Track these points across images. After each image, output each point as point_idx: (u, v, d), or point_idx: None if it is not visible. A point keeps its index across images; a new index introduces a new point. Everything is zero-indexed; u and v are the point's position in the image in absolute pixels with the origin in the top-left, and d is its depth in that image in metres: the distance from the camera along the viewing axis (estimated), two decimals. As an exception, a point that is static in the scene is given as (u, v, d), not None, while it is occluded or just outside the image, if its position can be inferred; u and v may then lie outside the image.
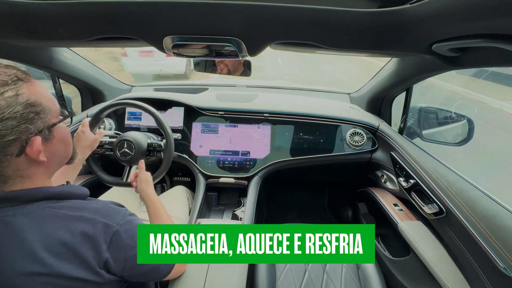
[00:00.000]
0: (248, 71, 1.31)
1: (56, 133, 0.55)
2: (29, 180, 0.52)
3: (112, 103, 1.09)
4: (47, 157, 0.53)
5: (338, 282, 0.98)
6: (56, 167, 0.59)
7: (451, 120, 1.18)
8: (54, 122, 0.53)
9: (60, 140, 0.56)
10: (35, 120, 0.49)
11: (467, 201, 0.84)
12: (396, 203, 1.22)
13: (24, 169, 0.50)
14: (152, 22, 0.69)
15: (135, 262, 0.57)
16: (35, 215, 0.49)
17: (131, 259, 0.56)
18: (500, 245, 0.70)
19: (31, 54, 1.07)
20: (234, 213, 1.17)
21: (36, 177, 0.53)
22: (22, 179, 0.51)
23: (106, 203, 0.60)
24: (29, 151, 0.49)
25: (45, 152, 0.52)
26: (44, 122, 0.51)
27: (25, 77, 0.50)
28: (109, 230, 0.53)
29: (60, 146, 0.57)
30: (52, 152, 0.54)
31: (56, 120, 0.54)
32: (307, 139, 1.34)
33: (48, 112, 0.52)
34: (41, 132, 0.50)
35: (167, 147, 1.07)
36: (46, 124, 0.51)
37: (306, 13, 0.62)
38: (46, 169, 0.55)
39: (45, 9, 0.66)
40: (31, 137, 0.49)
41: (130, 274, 0.57)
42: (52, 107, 0.53)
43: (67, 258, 0.48)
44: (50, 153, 0.54)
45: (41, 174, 0.54)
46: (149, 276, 0.62)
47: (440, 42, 0.66)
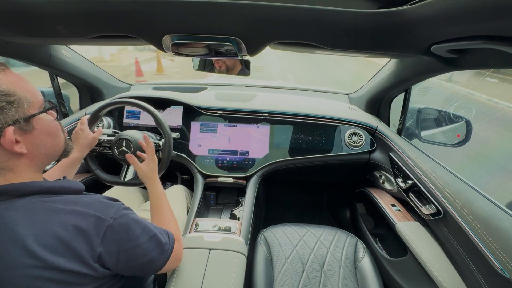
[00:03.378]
0: (247, 71, 1.31)
1: (37, 125, 0.53)
2: (11, 172, 0.51)
3: (111, 102, 1.08)
4: (29, 149, 0.52)
5: (335, 282, 0.98)
6: (44, 160, 0.58)
7: (450, 121, 1.19)
8: (33, 114, 0.52)
9: (44, 132, 0.55)
10: (7, 109, 0.48)
11: (464, 202, 0.84)
12: (394, 204, 1.23)
13: (3, 161, 0.50)
14: (151, 21, 0.69)
15: (129, 255, 0.57)
16: (27, 209, 0.49)
17: (125, 253, 0.56)
18: (496, 246, 0.71)
19: (29, 52, 1.06)
20: (232, 213, 1.17)
21: (19, 169, 0.52)
22: (3, 171, 0.51)
23: (99, 197, 0.59)
24: (2, 141, 0.48)
25: (26, 144, 0.51)
26: (19, 112, 0.50)
27: (0, 67, 0.50)
28: (103, 224, 0.53)
29: (44, 138, 0.55)
30: (35, 144, 0.53)
31: (35, 112, 0.53)
32: (306, 139, 1.34)
33: (24, 103, 0.50)
34: (16, 122, 0.49)
35: (166, 146, 1.06)
36: (22, 115, 0.50)
37: (306, 13, 0.62)
38: (32, 162, 0.54)
39: (43, 6, 0.66)
40: (4, 128, 0.48)
41: (124, 267, 0.57)
42: (32, 98, 0.52)
43: (60, 252, 0.48)
44: (32, 145, 0.53)
45: (26, 167, 0.53)
46: (145, 268, 0.62)
47: (439, 43, 0.66)
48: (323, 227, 1.19)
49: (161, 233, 0.67)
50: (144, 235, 0.61)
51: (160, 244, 0.64)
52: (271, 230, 1.16)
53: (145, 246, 0.60)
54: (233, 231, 0.97)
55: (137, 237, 0.59)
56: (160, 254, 0.64)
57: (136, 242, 0.58)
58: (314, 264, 1.04)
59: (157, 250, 0.63)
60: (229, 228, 0.99)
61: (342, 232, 1.16)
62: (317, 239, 1.13)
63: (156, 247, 0.63)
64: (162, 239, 0.66)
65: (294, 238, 1.12)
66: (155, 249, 0.63)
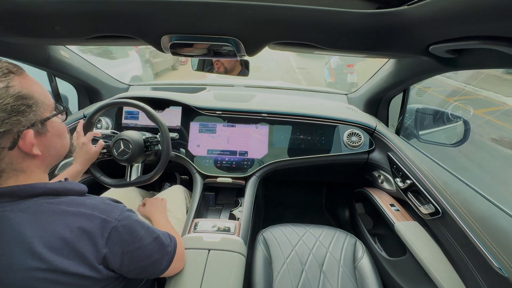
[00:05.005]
0: (246, 71, 1.31)
1: (51, 127, 0.55)
2: (23, 174, 0.52)
3: (109, 103, 1.08)
4: (42, 151, 0.53)
5: (335, 282, 0.99)
6: (52, 161, 0.59)
7: (448, 121, 1.19)
8: (48, 116, 0.53)
9: (55, 134, 0.56)
10: (27, 113, 0.49)
11: (463, 202, 0.84)
12: (392, 204, 1.23)
13: (18, 163, 0.50)
14: (149, 21, 0.68)
15: (133, 257, 0.57)
16: (33, 211, 0.49)
17: (129, 254, 0.56)
18: (495, 246, 0.71)
19: (28, 52, 1.05)
20: (231, 213, 1.17)
21: (30, 170, 0.53)
22: (17, 172, 0.51)
23: (103, 199, 0.60)
24: (21, 144, 0.49)
25: (39, 146, 0.52)
26: (36, 115, 0.51)
27: (17, 70, 0.50)
28: (107, 226, 0.53)
29: (55, 140, 0.57)
30: (47, 146, 0.54)
31: (50, 114, 0.54)
32: (305, 139, 1.34)
33: (41, 106, 0.52)
34: (34, 125, 0.50)
35: (164, 147, 1.06)
36: (39, 118, 0.51)
37: (304, 13, 0.62)
38: (42, 163, 0.55)
39: (42, 6, 0.66)
40: (23, 130, 0.48)
41: (128, 269, 0.57)
42: (46, 101, 0.53)
43: (65, 253, 0.48)
44: (45, 146, 0.54)
45: (36, 168, 0.54)
46: (148, 271, 0.63)
47: (437, 43, 0.67)
48: (322, 227, 1.19)
49: (164, 235, 0.68)
50: (148, 236, 0.61)
51: (163, 246, 0.65)
52: (270, 230, 1.16)
53: (149, 248, 0.61)
54: (232, 232, 0.97)
55: (141, 238, 0.59)
56: (164, 256, 0.65)
57: (140, 243, 0.59)
58: (313, 264, 1.04)
59: (160, 251, 0.64)
60: (228, 228, 0.99)
61: (341, 232, 1.17)
62: (316, 239, 1.13)
63: (160, 249, 0.64)
64: (165, 241, 0.66)
65: (293, 238, 1.13)
66: (159, 251, 0.63)
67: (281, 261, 1.04)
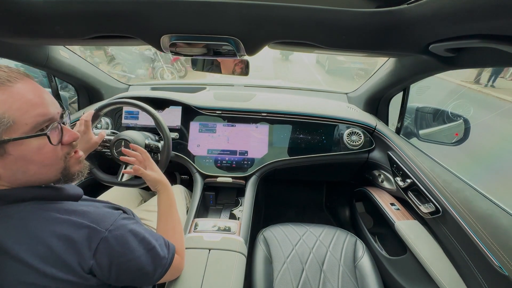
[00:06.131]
0: (246, 70, 1.31)
1: (14, 151, 0.46)
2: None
3: (111, 102, 1.08)
4: (2, 174, 0.48)
5: (335, 281, 0.99)
6: (29, 184, 0.52)
7: (448, 120, 1.19)
8: (6, 139, 0.45)
9: (21, 158, 0.48)
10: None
11: (463, 201, 0.84)
12: (393, 203, 1.23)
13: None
14: (149, 21, 0.68)
15: (122, 269, 0.54)
16: (21, 217, 0.48)
17: (118, 267, 0.54)
18: (495, 244, 0.71)
19: (27, 53, 1.05)
20: (231, 213, 1.17)
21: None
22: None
23: (98, 206, 0.57)
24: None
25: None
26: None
27: (3, 83, 0.45)
28: (96, 236, 0.51)
29: (21, 165, 0.49)
30: (10, 170, 0.48)
31: (17, 136, 0.46)
32: (305, 139, 1.34)
33: (5, 125, 0.44)
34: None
35: (165, 147, 1.06)
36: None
37: (304, 12, 0.62)
38: (11, 184, 0.50)
39: (41, 7, 0.66)
40: None
41: (116, 280, 0.55)
42: (21, 120, 0.46)
43: (51, 262, 0.47)
44: (5, 169, 0.48)
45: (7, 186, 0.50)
46: (137, 281, 0.60)
47: (437, 42, 0.66)
48: (323, 227, 1.19)
49: (161, 246, 0.64)
50: (141, 248, 0.58)
51: (157, 258, 0.62)
52: (270, 229, 1.16)
53: (140, 260, 0.57)
54: (233, 231, 0.97)
55: (133, 250, 0.56)
56: (156, 269, 0.62)
57: (131, 255, 0.56)
58: (314, 264, 1.04)
59: (153, 264, 0.61)
60: (228, 228, 0.99)
61: (342, 231, 1.17)
62: (317, 239, 1.13)
63: (153, 261, 0.60)
64: (160, 253, 0.63)
65: (294, 238, 1.13)
66: (151, 263, 0.60)
67: (281, 260, 1.04)
